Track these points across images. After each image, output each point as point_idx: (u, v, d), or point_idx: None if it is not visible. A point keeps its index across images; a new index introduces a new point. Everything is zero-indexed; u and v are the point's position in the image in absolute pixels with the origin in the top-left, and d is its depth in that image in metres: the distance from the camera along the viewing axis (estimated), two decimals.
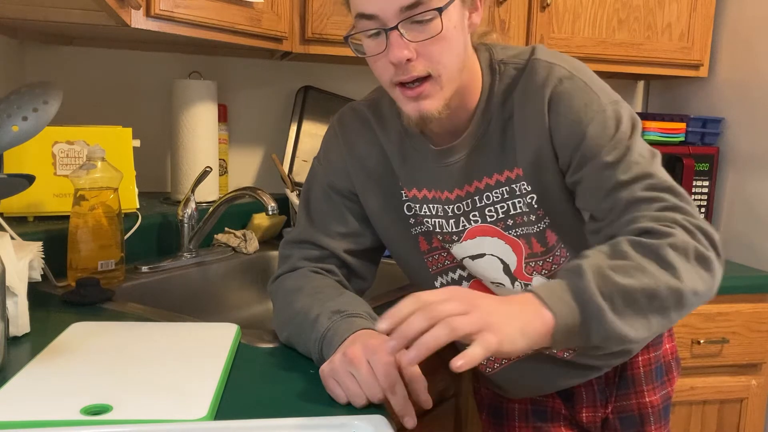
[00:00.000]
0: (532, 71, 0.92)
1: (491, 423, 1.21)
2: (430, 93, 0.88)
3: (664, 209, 0.85)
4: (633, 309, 0.77)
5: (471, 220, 0.99)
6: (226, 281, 1.52)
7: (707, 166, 1.83)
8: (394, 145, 1.02)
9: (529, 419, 1.17)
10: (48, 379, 0.78)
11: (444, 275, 1.07)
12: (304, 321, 0.90)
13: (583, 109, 0.89)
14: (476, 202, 0.98)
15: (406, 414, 0.76)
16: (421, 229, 1.04)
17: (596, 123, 0.89)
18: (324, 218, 1.05)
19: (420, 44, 0.85)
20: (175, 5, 1.29)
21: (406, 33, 0.84)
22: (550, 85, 0.90)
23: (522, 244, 0.98)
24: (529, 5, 1.74)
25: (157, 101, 1.78)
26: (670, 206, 0.85)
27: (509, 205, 0.97)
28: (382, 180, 1.03)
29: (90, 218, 1.19)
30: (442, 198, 0.99)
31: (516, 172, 0.95)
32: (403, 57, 0.84)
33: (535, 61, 0.93)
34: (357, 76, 1.95)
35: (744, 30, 1.83)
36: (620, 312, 0.76)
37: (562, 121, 0.90)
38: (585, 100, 0.90)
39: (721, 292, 1.76)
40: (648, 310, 0.78)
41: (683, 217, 0.84)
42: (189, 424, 0.69)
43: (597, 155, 0.89)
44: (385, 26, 0.84)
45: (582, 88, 0.91)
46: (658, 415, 1.15)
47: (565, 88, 0.90)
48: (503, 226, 0.98)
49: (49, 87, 0.88)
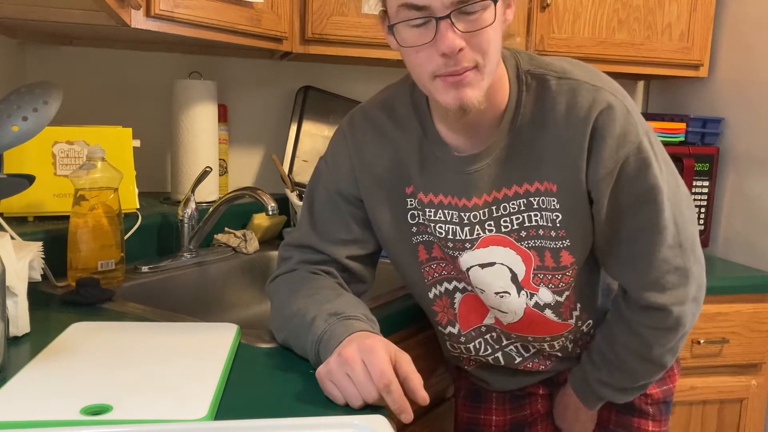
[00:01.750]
0: (575, 92, 0.91)
1: (468, 406, 1.22)
2: (473, 81, 0.85)
3: (677, 302, 0.99)
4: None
5: (486, 229, 0.98)
6: (226, 281, 1.52)
7: (707, 166, 1.83)
8: (413, 148, 1.00)
9: (506, 402, 1.19)
10: (48, 379, 0.78)
11: (438, 286, 1.06)
12: (301, 323, 0.90)
13: (623, 140, 0.90)
14: (493, 211, 0.97)
15: (403, 411, 0.76)
16: (423, 238, 1.03)
17: (631, 162, 0.91)
18: (327, 223, 1.04)
19: (470, 34, 0.83)
20: (175, 5, 1.29)
21: (456, 23, 0.82)
22: (595, 111, 0.90)
23: (533, 255, 0.98)
24: (529, 5, 1.74)
25: (157, 101, 1.78)
26: (689, 297, 1.00)
27: (524, 217, 0.96)
28: (389, 187, 1.02)
29: (90, 218, 1.19)
30: (460, 205, 0.98)
31: (546, 186, 0.93)
32: (456, 47, 0.82)
33: (577, 83, 0.92)
34: (357, 76, 1.95)
35: (744, 30, 1.83)
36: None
37: (602, 151, 0.90)
38: (625, 130, 0.90)
39: (721, 292, 1.77)
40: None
41: (694, 315, 1.02)
42: (189, 424, 0.69)
43: (629, 214, 0.94)
44: (434, 15, 0.82)
45: (625, 117, 0.91)
46: (658, 409, 1.15)
47: (609, 114, 0.90)
48: (516, 237, 0.97)
49: (49, 87, 0.88)
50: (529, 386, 1.18)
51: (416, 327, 1.19)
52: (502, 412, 1.19)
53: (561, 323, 1.04)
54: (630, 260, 0.98)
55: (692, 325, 1.03)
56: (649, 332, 1.01)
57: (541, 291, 1.00)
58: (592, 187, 0.92)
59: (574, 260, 0.97)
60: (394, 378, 0.76)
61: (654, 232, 0.94)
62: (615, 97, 0.91)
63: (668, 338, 1.01)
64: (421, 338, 1.21)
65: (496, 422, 1.19)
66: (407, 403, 0.77)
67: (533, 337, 1.06)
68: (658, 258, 0.95)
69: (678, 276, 0.97)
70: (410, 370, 0.79)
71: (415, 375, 0.78)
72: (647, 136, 0.93)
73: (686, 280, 0.98)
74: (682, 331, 1.01)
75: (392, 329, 1.15)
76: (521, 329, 1.05)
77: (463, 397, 1.23)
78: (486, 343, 1.10)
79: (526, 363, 1.11)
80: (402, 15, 0.84)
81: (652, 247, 0.95)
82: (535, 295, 1.01)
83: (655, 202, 0.93)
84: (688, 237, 0.97)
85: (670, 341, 1.02)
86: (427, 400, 0.78)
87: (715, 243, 1.91)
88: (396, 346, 0.81)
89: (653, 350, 1.02)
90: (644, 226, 0.94)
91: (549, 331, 1.05)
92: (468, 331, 1.09)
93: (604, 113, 0.90)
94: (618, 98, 0.91)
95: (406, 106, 1.01)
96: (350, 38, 1.61)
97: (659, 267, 0.96)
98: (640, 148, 0.91)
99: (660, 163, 0.94)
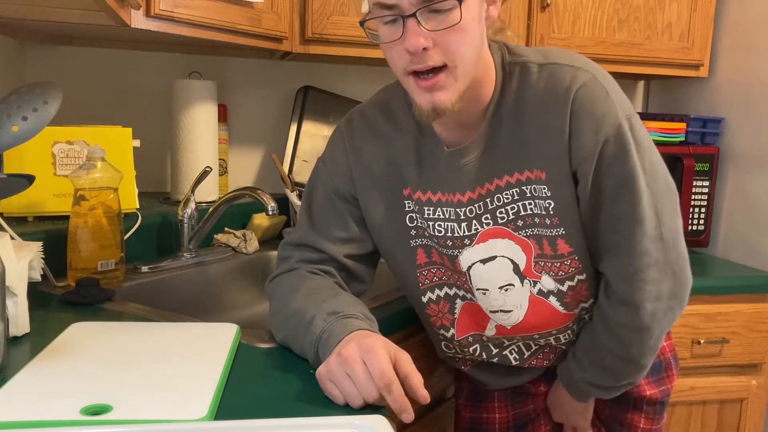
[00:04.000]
0: (554, 75, 0.91)
1: (469, 406, 1.22)
2: (445, 84, 0.86)
3: (659, 297, 0.97)
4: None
5: (483, 223, 0.98)
6: (226, 281, 1.52)
7: (707, 166, 1.83)
8: (410, 148, 1.00)
9: (508, 399, 1.19)
10: (48, 379, 0.78)
11: (433, 291, 1.06)
12: (300, 322, 0.90)
13: (602, 120, 0.90)
14: (488, 204, 0.97)
15: (404, 410, 0.76)
16: (422, 242, 1.03)
17: (610, 145, 0.90)
18: (325, 222, 1.04)
19: (437, 33, 0.84)
20: (175, 5, 1.29)
21: (423, 21, 0.83)
22: (573, 89, 0.90)
23: (532, 244, 0.98)
24: (529, 5, 1.74)
25: (157, 101, 1.78)
26: (667, 293, 0.97)
27: (519, 206, 0.96)
28: (387, 189, 1.02)
29: (90, 218, 1.19)
30: (455, 201, 0.98)
31: (536, 174, 0.93)
32: (419, 45, 0.83)
33: (557, 66, 0.92)
34: (357, 76, 1.95)
35: (744, 30, 1.83)
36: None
37: (582, 131, 0.90)
38: (604, 110, 0.90)
39: (721, 292, 1.77)
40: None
41: (673, 311, 1.00)
42: (189, 424, 0.69)
43: (608, 201, 0.92)
44: (402, 14, 0.83)
45: (604, 96, 0.90)
46: (653, 408, 1.15)
47: (587, 92, 0.90)
48: (513, 227, 0.97)
49: (49, 87, 0.88)
50: (529, 382, 1.18)
51: (416, 327, 1.18)
52: (505, 409, 1.19)
53: (567, 314, 1.03)
54: (611, 250, 0.96)
55: (671, 323, 1.01)
56: (623, 332, 0.99)
57: (543, 278, 1.00)
58: (575, 169, 0.92)
59: (572, 249, 0.97)
60: (395, 377, 0.76)
61: (633, 221, 0.93)
62: (594, 76, 0.91)
63: (643, 338, 1.00)
64: (421, 338, 1.21)
65: (499, 420, 1.19)
66: (408, 402, 0.77)
67: (539, 333, 1.06)
68: (639, 250, 0.94)
69: (658, 271, 0.95)
70: (410, 368, 0.78)
71: (415, 374, 0.78)
72: (628, 120, 0.92)
73: (666, 275, 0.96)
74: (657, 329, 0.99)
75: (392, 329, 1.15)
76: (527, 327, 1.04)
77: (464, 397, 1.23)
78: (483, 347, 1.10)
79: (525, 363, 1.11)
80: (375, 12, 0.86)
81: (632, 237, 0.93)
82: (538, 283, 1.00)
83: (632, 189, 0.92)
84: (670, 230, 0.95)
85: (647, 341, 1.00)
86: (427, 399, 0.78)
87: (715, 243, 1.91)
88: (395, 345, 0.81)
89: (631, 350, 1.01)
90: (623, 215, 0.93)
91: (555, 323, 1.04)
92: (464, 336, 1.09)
93: (582, 90, 0.90)
94: (597, 78, 0.91)
95: (402, 106, 1.01)
96: (350, 38, 1.61)
97: (640, 260, 0.94)
98: (619, 131, 0.90)
99: (641, 150, 0.92)
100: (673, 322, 1.02)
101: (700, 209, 1.84)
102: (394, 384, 0.75)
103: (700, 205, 1.84)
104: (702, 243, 1.87)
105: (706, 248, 1.91)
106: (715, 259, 1.88)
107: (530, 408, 1.19)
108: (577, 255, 0.97)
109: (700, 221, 1.85)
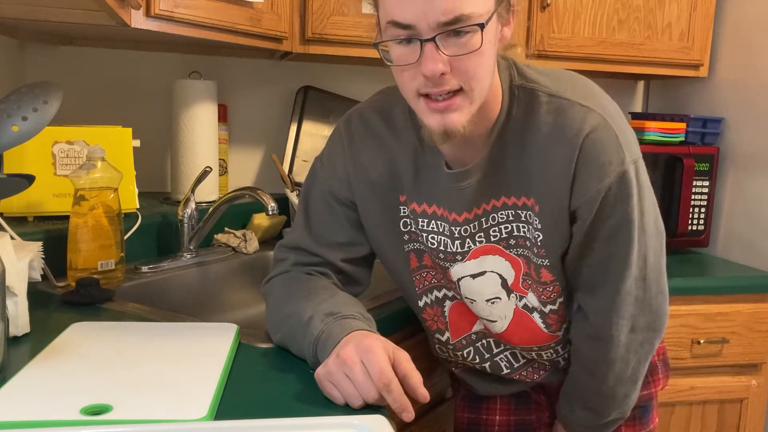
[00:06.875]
0: (564, 113, 0.89)
1: (468, 407, 1.21)
2: (460, 107, 0.83)
3: (634, 340, 0.99)
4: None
5: (476, 241, 0.98)
6: (226, 281, 1.52)
7: (707, 166, 1.83)
8: (408, 158, 0.99)
9: (510, 403, 1.19)
10: (48, 379, 0.78)
11: (428, 294, 1.06)
12: (297, 323, 0.89)
13: (608, 167, 0.89)
14: (483, 223, 0.96)
15: (404, 409, 0.76)
16: (414, 246, 1.03)
17: (613, 191, 0.89)
18: (322, 226, 1.04)
19: (455, 58, 0.80)
20: (175, 5, 1.29)
21: (442, 46, 0.79)
22: (583, 133, 0.88)
23: (522, 262, 0.98)
24: (529, 5, 1.74)
25: (157, 101, 1.78)
26: (642, 326, 0.99)
27: (513, 227, 0.96)
28: (383, 193, 1.01)
29: (90, 218, 1.19)
30: (450, 219, 0.97)
31: (532, 202, 0.93)
32: (438, 71, 0.79)
33: (567, 103, 0.90)
34: (357, 76, 1.95)
35: (744, 30, 1.83)
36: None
37: (587, 177, 0.89)
38: (611, 157, 0.89)
39: (721, 292, 1.77)
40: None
41: (650, 342, 1.01)
42: (189, 424, 0.69)
43: (601, 242, 0.93)
44: (420, 37, 0.79)
45: (614, 142, 0.89)
46: (632, 413, 1.12)
47: (596, 138, 0.88)
48: (505, 245, 0.97)
49: (49, 87, 0.88)
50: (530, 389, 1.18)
51: (415, 327, 1.18)
52: (506, 412, 1.18)
53: (549, 334, 1.04)
54: (594, 286, 0.97)
55: (649, 353, 1.02)
56: (598, 366, 1.00)
57: (529, 295, 1.01)
58: (575, 209, 0.91)
59: (554, 278, 0.97)
60: (394, 377, 0.76)
61: (624, 263, 0.94)
62: (604, 119, 0.89)
63: (618, 369, 1.00)
64: (420, 338, 1.21)
65: (500, 422, 1.18)
66: (408, 401, 0.77)
67: (521, 347, 1.06)
68: (622, 290, 0.95)
69: (636, 307, 0.97)
70: (409, 368, 0.78)
71: (414, 373, 0.78)
72: (634, 164, 0.91)
73: (643, 311, 0.98)
74: (634, 359, 1.00)
75: (391, 329, 1.15)
76: (509, 338, 1.05)
77: (462, 398, 1.23)
78: (476, 351, 1.10)
79: (514, 374, 1.11)
80: (390, 32, 0.82)
81: (618, 278, 0.94)
82: (524, 298, 1.01)
83: (629, 233, 0.92)
84: (654, 270, 0.97)
85: (623, 372, 1.01)
86: (427, 398, 0.78)
87: (715, 243, 1.91)
88: (394, 345, 0.81)
89: (609, 383, 1.02)
90: (615, 257, 0.94)
91: (536, 340, 1.05)
92: (459, 339, 1.09)
93: (592, 135, 0.88)
94: (608, 121, 0.89)
95: (403, 114, 0.99)
96: (350, 38, 1.61)
97: (621, 298, 0.96)
98: (624, 178, 0.89)
99: (642, 196, 0.93)
100: (652, 351, 1.02)
101: (699, 209, 1.84)
102: (393, 383, 0.75)
103: (699, 205, 1.84)
104: (702, 243, 1.87)
105: (705, 248, 1.91)
106: (715, 259, 1.88)
107: (533, 418, 1.19)
108: (558, 282, 0.98)
109: (699, 221, 1.85)
